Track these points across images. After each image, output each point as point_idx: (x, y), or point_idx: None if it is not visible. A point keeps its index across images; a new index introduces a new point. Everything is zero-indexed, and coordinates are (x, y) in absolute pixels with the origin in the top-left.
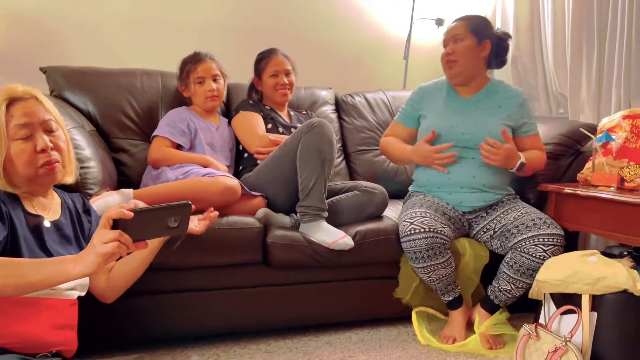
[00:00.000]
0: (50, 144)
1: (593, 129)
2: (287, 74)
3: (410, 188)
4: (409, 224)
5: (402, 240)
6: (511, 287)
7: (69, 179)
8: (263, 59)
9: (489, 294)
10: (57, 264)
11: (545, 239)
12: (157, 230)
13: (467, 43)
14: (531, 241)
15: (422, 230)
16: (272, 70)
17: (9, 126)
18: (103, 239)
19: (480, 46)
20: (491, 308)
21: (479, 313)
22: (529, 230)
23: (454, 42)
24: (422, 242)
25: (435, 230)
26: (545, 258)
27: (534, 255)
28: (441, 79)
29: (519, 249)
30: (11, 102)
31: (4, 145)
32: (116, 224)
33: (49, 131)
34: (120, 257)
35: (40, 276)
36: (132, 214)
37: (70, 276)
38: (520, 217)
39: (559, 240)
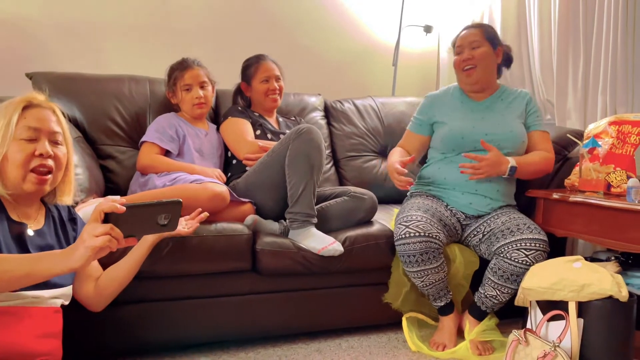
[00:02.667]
0: (51, 152)
1: (580, 135)
2: (277, 79)
3: (413, 188)
4: (404, 227)
5: (396, 243)
6: (496, 292)
7: (67, 199)
8: (252, 65)
9: (475, 300)
10: (44, 258)
11: (527, 244)
12: (147, 227)
13: (484, 50)
14: (513, 246)
15: (417, 234)
16: (262, 76)
17: (19, 125)
18: (94, 232)
19: (495, 53)
20: (479, 315)
21: (468, 320)
22: (512, 235)
23: (472, 49)
24: (417, 246)
25: (430, 235)
26: (527, 263)
27: (516, 260)
28: (450, 86)
29: (501, 255)
30: (29, 105)
31: (6, 142)
32: (107, 217)
33: (54, 142)
34: (110, 260)
35: (26, 270)
36: (124, 208)
37: (58, 270)
38: (507, 221)
39: (541, 245)
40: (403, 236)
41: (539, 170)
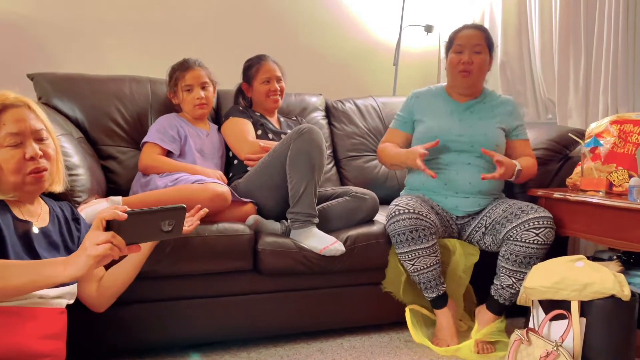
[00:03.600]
0: (40, 152)
1: (581, 134)
2: (278, 80)
3: (402, 192)
4: (394, 206)
5: (387, 224)
6: (512, 280)
7: (58, 188)
8: (253, 66)
9: (492, 294)
10: (47, 266)
11: (535, 222)
12: (151, 234)
13: (484, 57)
14: (522, 227)
15: (406, 211)
16: (264, 77)
17: (0, 133)
18: (95, 241)
19: (489, 60)
20: (498, 309)
21: (483, 317)
22: (518, 218)
23: (473, 53)
24: (406, 223)
25: (420, 213)
26: (539, 242)
27: (527, 241)
28: (436, 86)
29: (511, 239)
30: (3, 109)
31: None
32: (109, 225)
33: (39, 140)
34: (113, 260)
35: (29, 278)
36: (126, 215)
37: (60, 278)
38: (508, 208)
39: (549, 223)
40: (393, 214)
41: (531, 174)
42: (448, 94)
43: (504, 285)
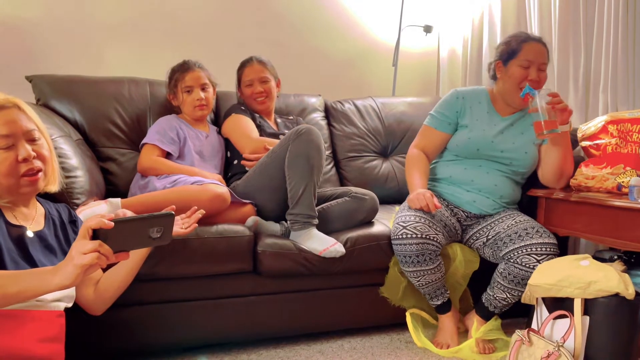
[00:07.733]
0: (33, 153)
1: None
2: (263, 81)
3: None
4: (401, 227)
5: (393, 242)
6: (506, 295)
7: (53, 188)
8: (240, 69)
9: (483, 301)
10: (35, 276)
11: (537, 249)
12: (138, 241)
13: (546, 74)
14: (523, 251)
15: (414, 235)
16: (246, 80)
17: None
18: (82, 250)
19: None
20: (486, 315)
21: (470, 320)
22: (521, 240)
23: (539, 70)
24: (413, 248)
25: (427, 237)
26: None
27: (526, 265)
28: (480, 90)
29: (511, 260)
30: None
31: None
32: (96, 234)
33: (31, 140)
34: (102, 268)
35: (18, 288)
36: (112, 223)
37: (49, 288)
38: (513, 225)
39: (551, 249)
40: (400, 237)
41: (569, 160)
42: (492, 102)
43: (497, 297)
